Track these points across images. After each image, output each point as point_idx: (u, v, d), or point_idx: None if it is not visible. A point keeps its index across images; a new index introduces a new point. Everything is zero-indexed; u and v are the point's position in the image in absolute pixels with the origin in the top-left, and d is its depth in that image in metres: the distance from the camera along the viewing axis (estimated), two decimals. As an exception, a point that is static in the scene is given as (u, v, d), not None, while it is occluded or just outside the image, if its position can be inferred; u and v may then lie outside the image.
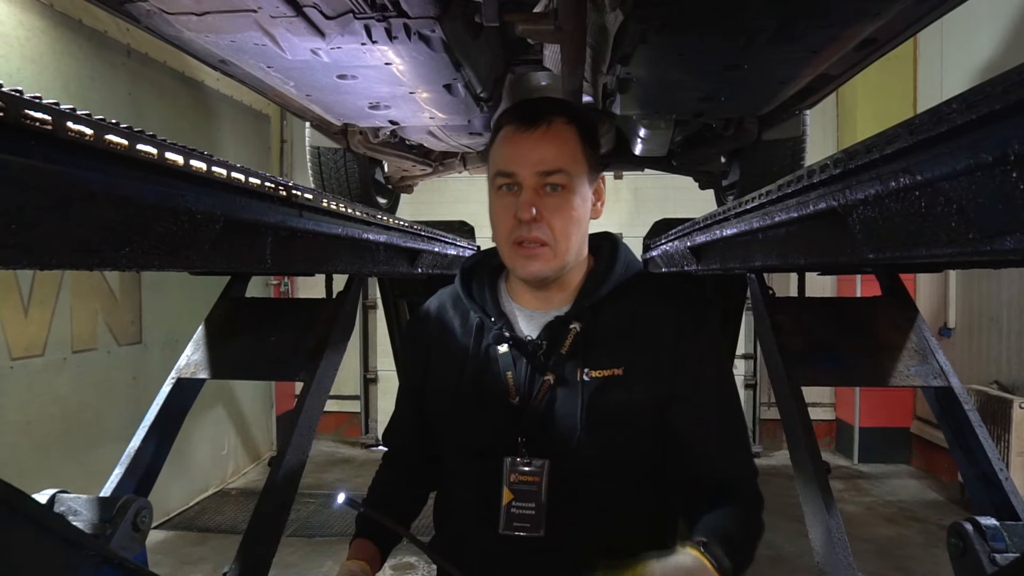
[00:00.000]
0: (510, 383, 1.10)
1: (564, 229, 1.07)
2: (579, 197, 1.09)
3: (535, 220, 1.05)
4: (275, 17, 1.35)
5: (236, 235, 1.22)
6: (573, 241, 1.09)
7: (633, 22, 1.37)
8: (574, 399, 1.06)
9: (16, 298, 3.43)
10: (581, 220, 1.10)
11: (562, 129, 1.09)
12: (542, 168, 1.06)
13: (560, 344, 1.09)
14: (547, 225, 1.06)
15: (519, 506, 1.06)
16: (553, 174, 1.06)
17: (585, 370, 1.07)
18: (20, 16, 3.40)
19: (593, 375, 1.07)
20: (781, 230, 1.46)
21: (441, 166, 3.14)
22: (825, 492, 1.62)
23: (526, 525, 1.06)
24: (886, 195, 0.89)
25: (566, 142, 1.08)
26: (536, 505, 1.05)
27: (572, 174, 1.07)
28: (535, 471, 1.06)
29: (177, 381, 1.99)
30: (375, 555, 1.20)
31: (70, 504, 1.35)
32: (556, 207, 1.06)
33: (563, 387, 1.07)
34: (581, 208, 1.10)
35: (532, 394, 1.08)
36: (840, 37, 1.44)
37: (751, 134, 2.45)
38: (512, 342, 1.12)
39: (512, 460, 1.07)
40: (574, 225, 1.08)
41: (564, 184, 1.06)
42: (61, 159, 0.80)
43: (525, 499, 1.06)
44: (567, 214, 1.07)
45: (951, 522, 1.34)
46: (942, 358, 1.89)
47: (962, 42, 4.94)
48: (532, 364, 1.10)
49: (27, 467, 3.43)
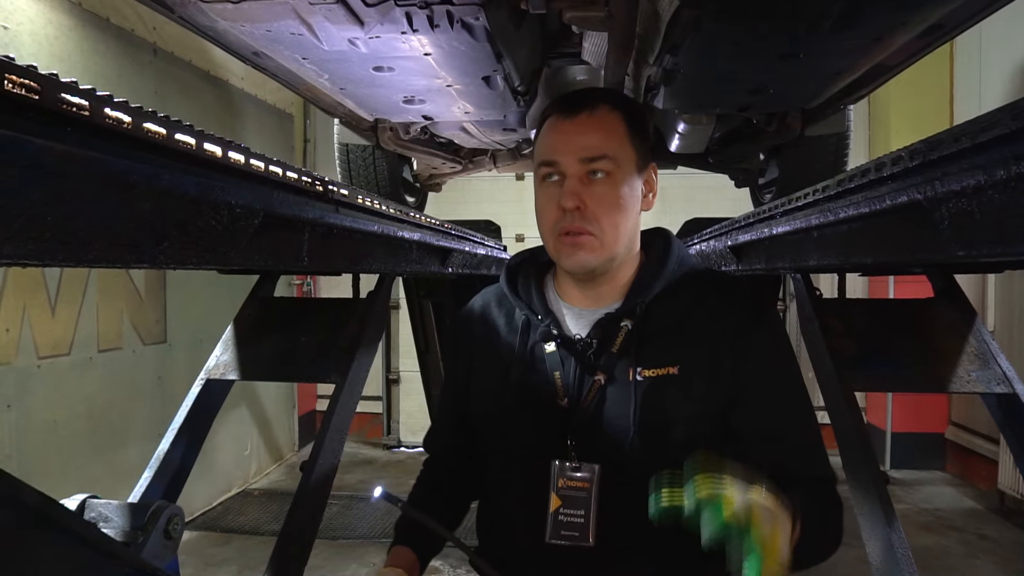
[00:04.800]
0: (558, 383, 1.05)
1: (611, 218, 1.01)
2: (626, 186, 1.03)
3: (579, 209, 1.00)
4: (314, 4, 1.30)
5: (274, 231, 1.17)
6: (621, 231, 1.03)
7: (688, 8, 1.30)
8: (626, 400, 1.00)
9: (43, 297, 3.43)
10: (629, 210, 1.04)
11: (606, 115, 1.03)
12: (585, 155, 1.01)
13: (611, 342, 1.03)
14: (592, 214, 1.00)
15: (567, 513, 1.00)
16: (597, 160, 1.01)
17: (638, 369, 1.01)
18: (49, 15, 3.40)
19: (646, 374, 1.00)
20: (843, 227, 1.38)
21: (471, 164, 3.08)
22: (885, 504, 1.53)
23: (574, 534, 1.00)
24: (989, 186, 0.81)
25: (611, 127, 1.03)
26: (585, 512, 0.99)
27: (618, 161, 1.02)
28: (585, 476, 1.00)
29: (206, 382, 1.95)
30: (414, 564, 1.13)
31: (100, 510, 1.31)
32: (601, 195, 1.01)
33: (614, 387, 1.02)
34: (629, 197, 1.04)
35: (581, 395, 1.03)
36: (908, 22, 1.36)
37: (794, 130, 2.36)
38: (560, 340, 1.06)
39: (561, 464, 1.01)
40: (621, 214, 1.02)
41: (609, 171, 1.01)
42: (99, 147, 0.75)
43: (574, 506, 1.00)
44: (613, 202, 1.01)
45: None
46: (1005, 363, 1.79)
47: (1002, 38, 4.80)
48: (581, 363, 1.04)
49: (54, 467, 3.42)
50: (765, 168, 3.01)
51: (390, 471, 6.04)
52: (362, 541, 4.30)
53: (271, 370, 2.11)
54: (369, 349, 2.03)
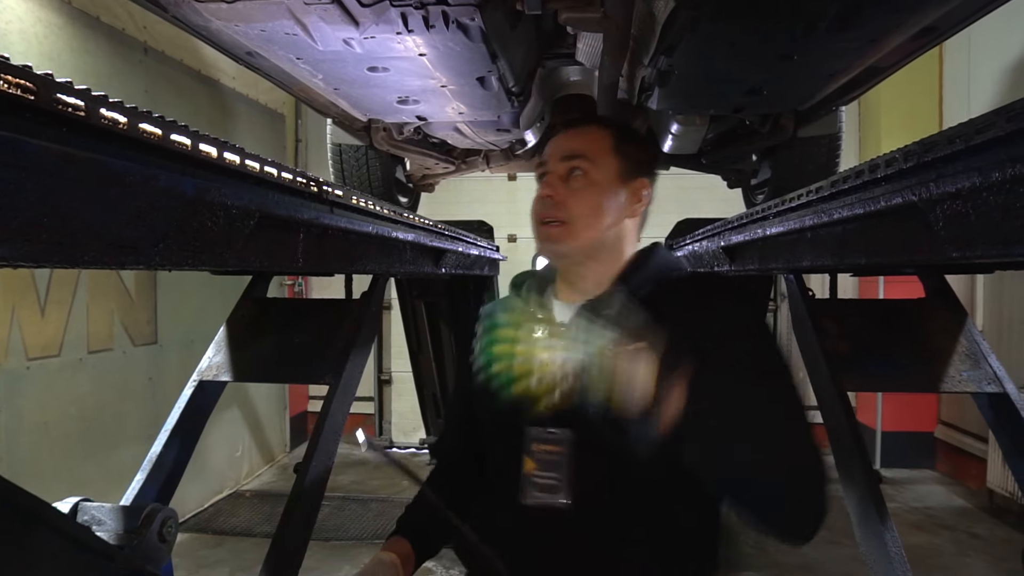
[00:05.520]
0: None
1: (580, 210, 1.12)
2: (603, 187, 1.14)
3: (551, 197, 1.13)
4: (309, 4, 1.29)
5: (270, 232, 1.17)
6: (591, 224, 1.13)
7: (685, 8, 1.30)
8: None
9: (33, 298, 3.40)
10: (602, 209, 1.14)
11: (594, 129, 1.18)
12: (566, 154, 1.15)
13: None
14: (564, 204, 1.13)
15: (542, 475, 1.07)
16: (574, 158, 1.14)
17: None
18: (38, 13, 3.37)
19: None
20: (837, 228, 1.38)
21: (464, 164, 3.07)
22: (879, 503, 1.54)
23: (548, 496, 1.06)
24: (984, 188, 0.81)
25: (594, 137, 1.17)
26: (560, 475, 1.06)
27: (595, 162, 1.14)
28: (557, 439, 1.08)
29: (199, 384, 1.94)
30: (409, 555, 1.19)
31: (93, 513, 1.30)
32: (575, 191, 1.13)
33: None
34: (605, 198, 1.14)
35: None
36: (904, 24, 1.36)
37: (787, 131, 2.37)
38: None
39: (534, 430, 1.10)
40: (592, 210, 1.13)
41: (585, 170, 1.13)
42: (96, 148, 0.74)
43: (549, 468, 1.07)
44: (585, 197, 1.13)
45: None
46: (995, 362, 1.80)
47: (990, 40, 4.84)
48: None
49: (45, 469, 3.39)
50: (758, 169, 3.02)
51: (383, 472, 6.02)
52: (355, 542, 4.29)
53: (265, 371, 2.10)
54: (363, 350, 2.02)
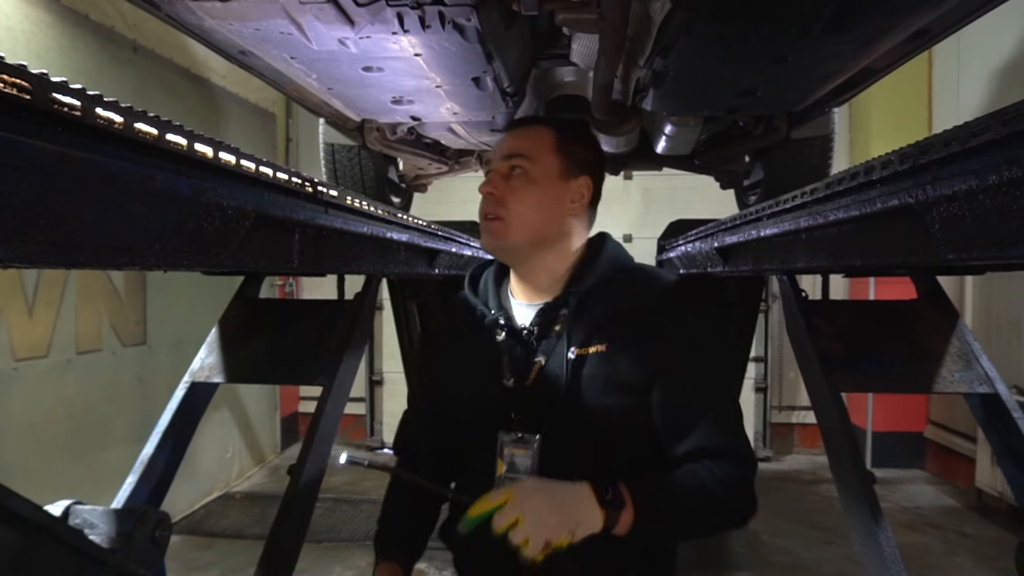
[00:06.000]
0: (506, 366, 1.19)
1: (519, 207, 1.17)
2: (542, 185, 1.18)
3: (491, 195, 1.19)
4: (304, 3, 1.28)
5: (265, 232, 1.16)
6: (529, 221, 1.17)
7: (680, 10, 1.30)
8: (560, 374, 1.14)
9: (21, 298, 3.36)
10: (540, 205, 1.18)
11: (536, 128, 1.23)
12: (507, 153, 1.20)
13: (550, 328, 1.18)
14: (504, 202, 1.17)
15: (512, 477, 1.14)
16: (514, 157, 1.19)
17: (572, 349, 1.15)
18: (26, 10, 3.33)
19: (579, 352, 1.14)
20: (832, 230, 1.39)
21: (457, 164, 3.07)
22: (873, 503, 1.55)
23: None
24: (981, 190, 0.82)
25: (536, 136, 1.21)
26: (528, 476, 1.12)
27: (535, 161, 1.18)
28: (526, 443, 1.14)
29: (191, 385, 1.93)
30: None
31: (86, 516, 1.28)
32: (514, 188, 1.18)
33: (552, 366, 1.16)
34: (543, 195, 1.18)
35: (527, 375, 1.17)
36: (898, 27, 1.37)
37: (780, 132, 2.38)
38: (508, 329, 1.21)
39: (505, 435, 1.16)
40: (529, 207, 1.17)
41: (525, 168, 1.18)
42: (93, 148, 0.73)
43: (518, 471, 1.14)
44: (522, 195, 1.17)
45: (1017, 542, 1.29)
46: (987, 363, 1.82)
47: (979, 42, 4.88)
48: (525, 348, 1.19)
49: (33, 470, 3.36)
50: (750, 170, 3.03)
51: (374, 473, 5.99)
52: (347, 544, 4.27)
53: (258, 373, 2.08)
54: (357, 351, 2.02)
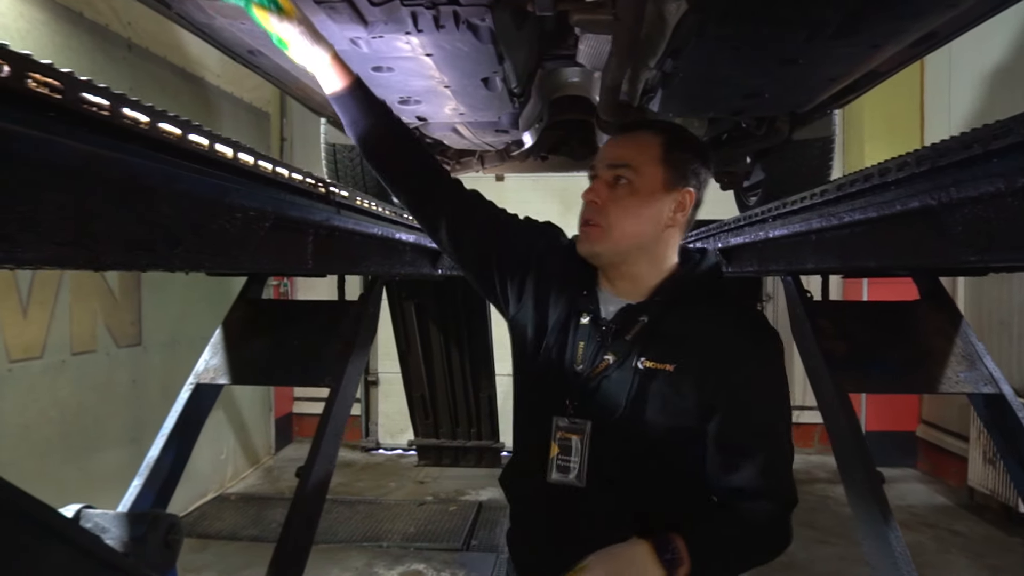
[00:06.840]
0: (580, 352, 1.20)
1: (618, 217, 1.16)
2: (645, 197, 1.17)
3: (593, 202, 1.18)
4: (319, 2, 1.27)
5: (282, 234, 1.15)
6: (628, 232, 1.17)
7: (694, 12, 1.31)
8: (625, 380, 1.15)
9: (15, 298, 3.32)
10: (642, 217, 1.18)
11: (644, 135, 1.20)
12: (612, 162, 1.19)
13: (627, 331, 1.18)
14: (605, 210, 1.17)
15: (563, 459, 1.18)
16: (619, 167, 1.17)
17: (641, 359, 1.15)
18: (21, 8, 3.30)
19: (647, 364, 1.15)
20: (845, 231, 1.39)
21: (458, 164, 3.05)
22: (882, 503, 1.56)
23: (568, 476, 1.17)
24: (1009, 193, 0.82)
25: (643, 145, 1.19)
26: (578, 459, 1.16)
27: (640, 172, 1.16)
28: (577, 428, 1.17)
29: (196, 387, 1.91)
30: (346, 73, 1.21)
31: (97, 521, 1.27)
32: (617, 197, 1.17)
33: (620, 368, 1.16)
34: (645, 206, 1.17)
35: (594, 366, 1.18)
36: (906, 31, 1.38)
37: (782, 133, 2.38)
38: (592, 317, 1.22)
39: (559, 419, 1.19)
40: (631, 218, 1.17)
41: (629, 179, 1.16)
42: (120, 148, 0.73)
43: (568, 454, 1.18)
44: (624, 205, 1.17)
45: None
46: (991, 363, 1.83)
47: (970, 46, 4.90)
48: (600, 341, 1.19)
49: (27, 472, 3.31)
50: (751, 171, 3.04)
51: (369, 474, 5.99)
52: (343, 545, 4.25)
53: (263, 374, 2.07)
54: (362, 352, 2.01)
